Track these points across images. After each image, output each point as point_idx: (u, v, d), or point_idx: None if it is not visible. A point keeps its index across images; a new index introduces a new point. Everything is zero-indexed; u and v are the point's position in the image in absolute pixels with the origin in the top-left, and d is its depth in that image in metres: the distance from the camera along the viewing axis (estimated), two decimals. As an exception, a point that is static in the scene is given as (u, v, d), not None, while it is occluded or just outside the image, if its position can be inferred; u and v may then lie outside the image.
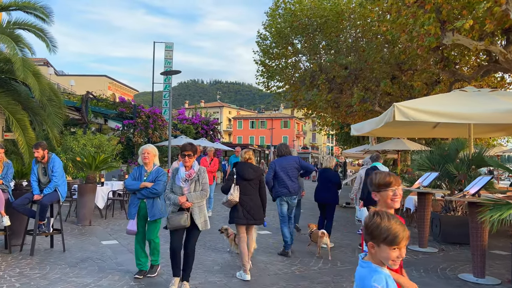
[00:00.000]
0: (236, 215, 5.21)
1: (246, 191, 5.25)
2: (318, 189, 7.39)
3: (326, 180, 7.35)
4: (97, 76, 44.77)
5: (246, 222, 5.21)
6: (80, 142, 12.48)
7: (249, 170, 5.31)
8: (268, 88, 19.14)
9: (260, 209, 5.33)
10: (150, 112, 17.88)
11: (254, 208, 5.22)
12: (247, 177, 5.26)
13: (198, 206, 4.59)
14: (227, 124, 74.90)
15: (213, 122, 29.76)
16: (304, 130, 78.35)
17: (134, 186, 5.01)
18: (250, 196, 5.26)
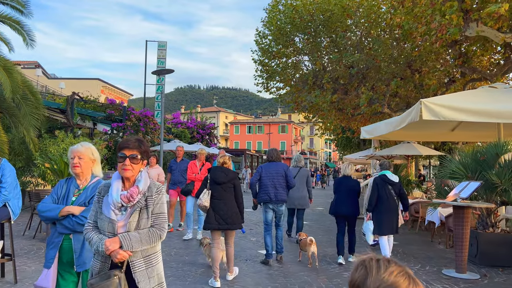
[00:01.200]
0: (207, 220, 5.08)
1: (218, 196, 5.14)
2: (339, 200, 6.57)
3: (348, 190, 6.56)
4: (90, 79, 43.52)
5: (218, 226, 5.03)
6: (61, 146, 11.22)
7: (221, 174, 5.21)
8: (267, 89, 17.95)
9: (235, 214, 5.15)
10: (141, 114, 16.65)
11: (227, 213, 5.07)
12: (219, 181, 5.16)
13: (144, 258, 2.46)
14: (223, 129, 73.67)
15: (209, 126, 28.56)
16: (302, 135, 77.25)
17: (50, 212, 3.03)
18: (223, 201, 5.12)
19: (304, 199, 8.17)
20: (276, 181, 6.31)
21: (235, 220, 5.11)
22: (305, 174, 8.33)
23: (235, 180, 5.29)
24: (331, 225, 10.70)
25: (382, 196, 6.35)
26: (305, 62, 17.48)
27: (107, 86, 42.73)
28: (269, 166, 6.47)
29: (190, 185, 8.02)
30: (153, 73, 15.55)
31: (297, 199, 8.09)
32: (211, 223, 5.04)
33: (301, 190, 8.08)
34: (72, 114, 15.76)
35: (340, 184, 6.68)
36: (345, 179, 6.70)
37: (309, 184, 8.35)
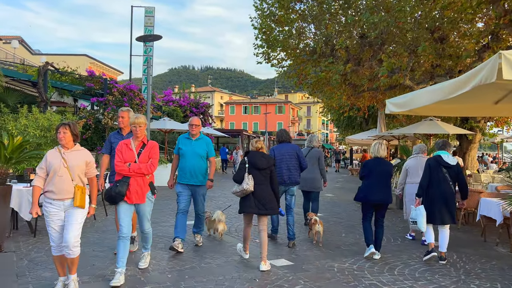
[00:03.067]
0: (248, 203, 5.08)
1: (257, 181, 5.11)
2: (370, 185, 5.80)
3: (381, 174, 5.82)
4: (77, 55, 41.14)
5: (258, 211, 5.08)
6: (22, 122, 9.23)
7: (262, 159, 5.18)
8: (268, 59, 15.90)
9: (272, 199, 5.17)
10: (124, 88, 14.59)
11: (265, 198, 5.10)
12: (260, 167, 5.14)
13: None
14: (218, 109, 71.48)
15: (204, 104, 26.54)
16: (299, 115, 75.27)
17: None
18: (261, 186, 5.12)
19: (315, 181, 7.59)
20: (289, 162, 6.24)
21: (273, 204, 5.14)
22: (316, 154, 7.70)
23: (273, 166, 5.29)
24: (344, 214, 8.93)
25: (434, 180, 5.69)
26: (312, 30, 15.40)
27: (95, 62, 40.39)
28: (281, 148, 6.35)
29: (121, 185, 4.47)
30: (137, 39, 13.41)
31: (308, 181, 7.54)
32: (251, 207, 5.05)
33: (312, 172, 7.51)
34: (46, 88, 13.67)
35: (373, 167, 5.85)
36: (377, 161, 5.90)
37: (322, 166, 7.72)
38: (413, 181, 7.07)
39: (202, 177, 5.76)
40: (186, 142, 5.78)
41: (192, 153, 5.69)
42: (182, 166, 5.73)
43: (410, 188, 7.08)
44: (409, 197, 7.22)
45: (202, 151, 5.74)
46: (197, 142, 5.77)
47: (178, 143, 5.87)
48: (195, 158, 5.68)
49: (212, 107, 68.81)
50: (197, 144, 5.75)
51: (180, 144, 5.83)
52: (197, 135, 5.78)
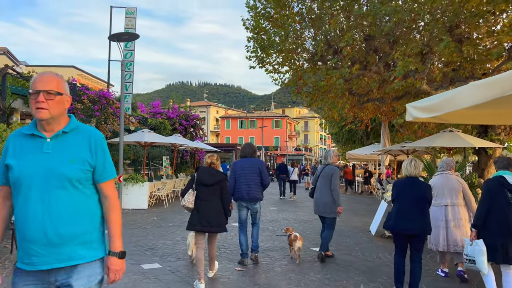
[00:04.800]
0: (191, 220, 4.93)
1: (204, 197, 4.94)
2: (403, 211, 4.77)
3: (416, 198, 4.77)
4: (64, 67, 39.33)
5: (201, 228, 4.88)
6: None
7: (208, 175, 4.99)
8: (262, 64, 14.11)
9: (220, 215, 4.96)
10: (96, 95, 12.69)
11: (211, 214, 4.89)
12: (205, 183, 4.95)
13: None
14: (214, 124, 69.66)
15: (194, 116, 24.64)
16: (297, 130, 73.49)
17: None
18: (208, 202, 4.93)
19: (328, 204, 6.37)
20: (249, 178, 6.00)
21: (219, 222, 4.95)
22: (329, 172, 6.42)
23: (222, 182, 5.04)
24: (357, 248, 6.95)
25: (497, 207, 4.49)
26: (311, 32, 13.65)
27: (83, 74, 38.60)
28: (243, 162, 6.15)
29: None
30: (110, 38, 11.60)
31: (321, 204, 6.45)
32: (195, 224, 4.90)
33: (325, 193, 6.40)
34: (4, 94, 11.74)
35: (404, 188, 4.87)
36: (410, 182, 4.88)
37: (333, 185, 6.35)
38: (438, 203, 5.93)
39: None
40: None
41: None
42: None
43: (435, 211, 5.84)
44: (435, 222, 5.86)
45: None
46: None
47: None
48: None
49: (204, 121, 67.03)
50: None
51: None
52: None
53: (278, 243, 7.54)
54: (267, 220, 10.55)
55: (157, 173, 20.48)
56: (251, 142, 6.64)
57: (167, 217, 10.40)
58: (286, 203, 15.51)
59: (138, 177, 12.24)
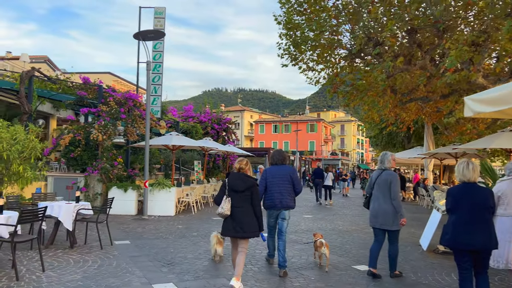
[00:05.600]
0: (225, 226, 4.91)
1: (236, 203, 4.87)
2: (460, 223, 4.05)
3: (476, 207, 4.04)
4: (100, 73, 40.01)
5: (234, 234, 4.87)
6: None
7: (238, 181, 4.93)
8: (295, 61, 13.21)
9: (252, 222, 4.87)
10: (122, 97, 12.23)
11: (243, 220, 4.84)
12: (236, 189, 4.89)
13: None
14: (248, 129, 69.16)
15: (226, 120, 23.98)
16: (333, 134, 71.66)
17: None
18: (240, 208, 4.87)
19: (389, 215, 5.53)
20: (281, 186, 5.79)
21: (251, 228, 4.87)
22: (387, 179, 5.57)
23: (252, 188, 4.93)
24: (407, 268, 5.87)
25: None
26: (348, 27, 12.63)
27: (118, 80, 39.13)
28: (274, 170, 5.95)
29: None
30: (135, 36, 11.08)
31: (380, 215, 5.58)
32: (228, 229, 4.88)
33: (384, 202, 5.58)
34: (30, 96, 11.48)
35: (462, 196, 4.15)
36: (468, 189, 4.14)
37: (394, 194, 5.50)
38: (509, 212, 5.45)
39: None
40: None
41: None
42: None
43: (505, 222, 5.40)
44: (506, 235, 5.27)
45: None
46: None
47: None
48: None
49: (238, 125, 66.60)
50: None
51: None
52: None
53: (313, 258, 6.59)
54: (301, 230, 9.59)
55: (189, 178, 19.96)
56: (281, 149, 6.45)
57: (193, 226, 9.65)
58: (322, 210, 14.45)
59: (165, 182, 11.61)
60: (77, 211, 6.71)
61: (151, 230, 8.84)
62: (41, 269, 5.27)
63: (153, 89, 15.61)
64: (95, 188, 11.67)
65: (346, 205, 16.90)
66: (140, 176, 12.82)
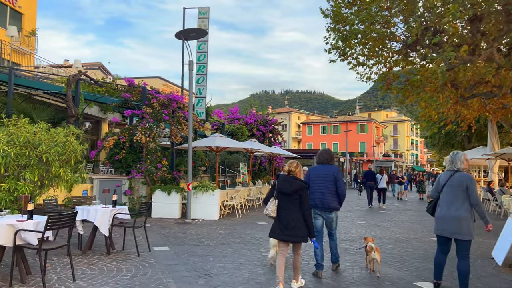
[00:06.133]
0: (273, 228, 4.85)
1: (283, 205, 4.81)
2: None
3: None
4: (150, 78, 41.01)
5: (282, 237, 4.76)
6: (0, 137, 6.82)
7: (285, 183, 4.82)
8: (344, 56, 12.40)
9: (300, 225, 4.73)
10: (166, 98, 12.05)
11: (290, 223, 4.72)
12: (283, 191, 4.81)
13: None
14: (296, 130, 68.25)
15: (272, 121, 23.47)
16: (385, 135, 68.92)
17: None
18: (287, 211, 4.78)
19: (461, 222, 4.74)
20: (322, 186, 5.65)
21: (299, 232, 4.72)
22: (464, 181, 4.80)
23: (301, 191, 4.79)
24: (475, 280, 4.97)
25: None
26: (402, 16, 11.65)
27: (167, 84, 39.86)
28: (317, 169, 5.82)
29: None
30: (177, 36, 10.84)
31: (450, 223, 4.81)
32: (276, 232, 4.81)
33: (456, 207, 4.81)
34: (77, 100, 11.60)
35: None
36: None
37: (474, 199, 4.75)
38: None
39: None
40: None
41: None
42: None
43: None
44: None
45: None
46: None
47: None
48: None
49: (289, 128, 65.83)
50: None
51: None
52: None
53: (366, 271, 5.84)
54: (352, 238, 8.80)
55: (235, 180, 19.63)
56: (328, 149, 6.26)
57: (236, 231, 9.17)
58: (375, 215, 13.47)
59: (208, 185, 11.26)
60: (113, 215, 6.42)
61: (192, 235, 8.46)
62: (72, 278, 4.98)
63: (198, 90, 15.41)
64: (140, 191, 11.56)
65: (402, 210, 15.74)
66: (185, 178, 12.59)
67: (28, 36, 25.23)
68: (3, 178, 6.78)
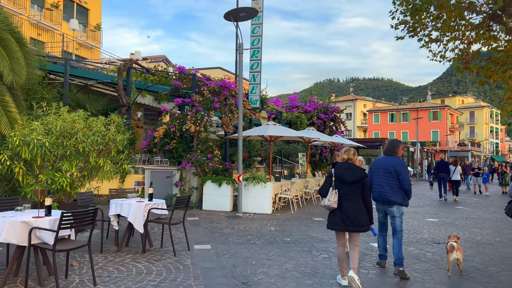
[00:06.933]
0: (333, 220, 4.65)
1: (345, 195, 4.60)
2: None
3: None
4: (211, 68, 41.21)
5: (344, 228, 4.61)
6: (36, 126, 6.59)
7: (348, 171, 4.65)
8: (414, 32, 10.91)
9: (363, 215, 4.58)
10: (217, 85, 11.44)
11: (353, 214, 4.54)
12: (345, 180, 4.62)
13: None
14: (361, 119, 65.40)
15: (334, 109, 22.15)
16: (460, 122, 63.67)
17: None
18: (350, 201, 4.60)
19: None
20: (381, 178, 5.25)
21: (362, 221, 4.57)
22: None
23: (363, 179, 4.65)
24: None
25: None
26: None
27: (228, 74, 39.76)
28: (380, 161, 5.43)
29: None
30: (225, 16, 10.14)
31: None
32: (337, 224, 4.62)
33: None
34: (129, 89, 11.41)
35: None
36: None
37: None
38: None
39: None
40: None
41: None
42: None
43: None
44: None
45: None
46: None
47: None
48: None
49: (354, 116, 63.20)
50: None
51: None
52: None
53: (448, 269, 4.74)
54: (423, 240, 7.56)
55: (293, 171, 18.73)
56: (396, 139, 5.81)
57: (288, 228, 8.33)
58: (451, 211, 11.88)
59: (260, 177, 10.52)
60: (148, 210, 5.88)
61: (239, 232, 7.77)
62: (94, 282, 4.48)
63: (252, 77, 14.68)
64: (191, 182, 11.14)
65: (482, 205, 13.86)
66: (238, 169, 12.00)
67: (93, 31, 26.15)
68: (40, 169, 6.54)
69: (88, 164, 6.91)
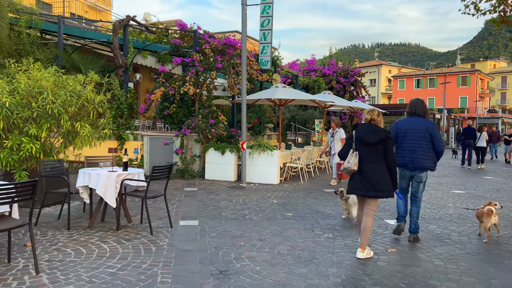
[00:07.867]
0: (353, 184, 4.42)
1: (365, 158, 4.36)
2: None
3: None
4: (228, 32, 39.63)
5: (365, 192, 4.34)
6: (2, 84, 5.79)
7: (370, 133, 4.38)
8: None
9: (385, 179, 4.32)
10: (220, 43, 10.37)
11: (375, 177, 4.29)
12: (366, 141, 4.36)
13: None
14: (386, 85, 62.88)
15: (354, 72, 20.70)
16: (491, 87, 60.32)
17: None
18: (371, 164, 4.33)
19: None
20: (415, 142, 4.91)
21: (383, 186, 4.30)
22: None
23: (386, 141, 4.36)
24: None
25: None
26: None
27: (247, 39, 38.27)
28: (407, 122, 5.04)
29: None
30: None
31: None
32: (357, 188, 4.38)
33: None
34: (126, 48, 10.49)
35: None
36: None
37: None
38: None
39: None
40: None
41: None
42: None
43: None
44: None
45: None
46: None
47: None
48: None
49: (378, 82, 60.77)
50: None
51: None
52: None
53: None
54: (447, 215, 6.54)
55: (309, 139, 17.71)
56: (420, 99, 5.29)
57: (292, 201, 7.44)
58: (479, 182, 10.71)
59: (266, 144, 9.58)
60: (122, 181, 5.06)
61: (236, 205, 6.93)
62: (41, 267, 3.73)
63: (262, 35, 13.45)
64: (193, 150, 10.32)
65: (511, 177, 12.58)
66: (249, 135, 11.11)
67: (102, -7, 25.10)
68: (6, 134, 5.78)
69: (61, 128, 6.11)
